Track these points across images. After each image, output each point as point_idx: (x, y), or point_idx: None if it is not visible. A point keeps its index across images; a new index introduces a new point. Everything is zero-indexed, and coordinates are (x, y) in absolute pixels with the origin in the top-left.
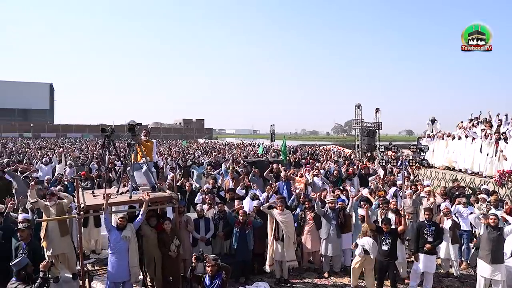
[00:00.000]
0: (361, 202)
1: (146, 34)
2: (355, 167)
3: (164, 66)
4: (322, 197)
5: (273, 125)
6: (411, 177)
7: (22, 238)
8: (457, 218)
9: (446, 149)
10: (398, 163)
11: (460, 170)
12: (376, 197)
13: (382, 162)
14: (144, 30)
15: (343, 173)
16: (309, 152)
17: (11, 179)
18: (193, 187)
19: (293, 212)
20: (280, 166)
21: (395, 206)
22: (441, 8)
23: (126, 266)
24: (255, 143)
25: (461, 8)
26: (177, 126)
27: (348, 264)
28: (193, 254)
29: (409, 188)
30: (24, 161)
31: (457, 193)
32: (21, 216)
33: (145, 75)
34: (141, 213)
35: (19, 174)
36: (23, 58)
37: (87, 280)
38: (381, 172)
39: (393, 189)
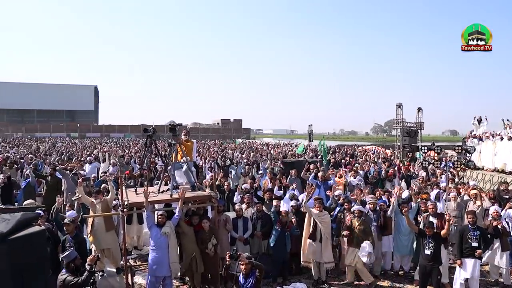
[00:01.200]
0: (400, 205)
1: (185, 36)
2: (396, 168)
3: (203, 67)
4: (361, 198)
5: (311, 125)
6: (456, 179)
7: (68, 232)
8: (507, 223)
9: (494, 150)
10: (441, 165)
11: (510, 173)
12: (418, 200)
13: (424, 163)
14: (183, 32)
15: (383, 174)
16: (348, 152)
17: (61, 177)
18: (231, 186)
19: (330, 214)
20: (318, 166)
21: (433, 209)
22: (484, 7)
23: (166, 261)
24: (293, 143)
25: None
26: (215, 126)
27: (387, 268)
28: (227, 252)
29: (453, 191)
30: (73, 159)
31: (506, 196)
32: (68, 213)
33: (184, 75)
34: (177, 210)
35: (68, 172)
36: (70, 63)
37: (129, 274)
38: (422, 173)
39: (435, 192)
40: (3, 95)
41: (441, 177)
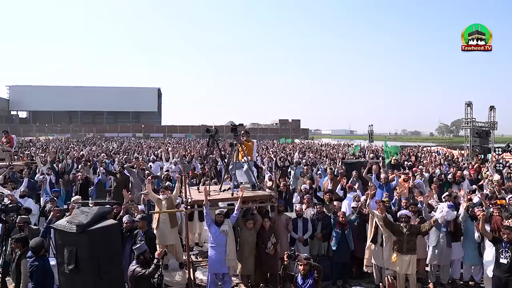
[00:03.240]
0: (470, 209)
1: (244, 37)
2: (464, 170)
3: (262, 68)
4: (428, 202)
5: (372, 125)
6: None
7: (139, 227)
8: None
9: None
10: None
11: None
12: (490, 205)
13: (499, 166)
14: (242, 34)
15: (450, 177)
16: (411, 154)
17: (128, 174)
18: (290, 187)
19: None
20: (380, 168)
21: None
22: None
23: (224, 259)
24: (352, 144)
25: None
26: (274, 126)
27: (456, 277)
28: (285, 253)
29: None
30: (141, 158)
31: None
32: (138, 208)
33: (243, 76)
34: (236, 209)
35: (134, 170)
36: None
37: (191, 270)
38: (496, 177)
39: (509, 196)
40: (77, 99)
41: None
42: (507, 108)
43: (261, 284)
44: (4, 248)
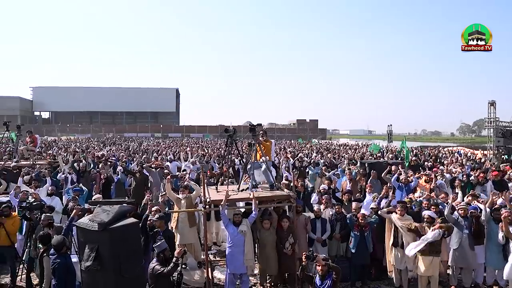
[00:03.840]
0: (493, 212)
1: (261, 36)
2: (487, 171)
3: (279, 67)
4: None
5: (391, 125)
6: None
7: (158, 227)
8: None
9: None
10: None
11: None
12: None
13: None
14: (260, 33)
15: (473, 178)
16: (431, 154)
17: (147, 174)
18: (308, 187)
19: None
20: (399, 168)
21: None
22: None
23: (242, 259)
24: (371, 144)
25: None
26: (291, 126)
27: (479, 281)
28: (303, 253)
29: None
30: (159, 158)
31: None
32: (154, 208)
33: (260, 76)
34: (254, 209)
35: (153, 169)
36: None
37: (209, 269)
38: None
39: None
40: (97, 99)
41: None
42: None
43: (279, 285)
44: (28, 245)
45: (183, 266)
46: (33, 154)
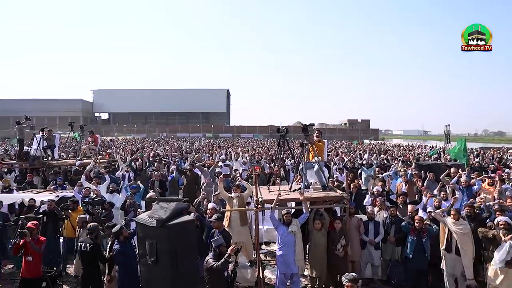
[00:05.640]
0: None
1: (311, 36)
2: None
3: (328, 66)
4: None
5: (448, 125)
6: None
7: (215, 227)
8: None
9: None
10: None
11: None
12: None
13: None
14: (309, 33)
15: None
16: (495, 156)
17: (199, 173)
18: (360, 189)
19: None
20: (459, 171)
21: None
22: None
23: (293, 259)
24: (426, 145)
25: None
26: (342, 127)
27: None
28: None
29: None
30: (211, 158)
31: None
32: (210, 205)
33: (310, 76)
34: (305, 209)
35: (206, 169)
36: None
37: (261, 268)
38: None
39: None
40: (152, 101)
41: None
42: None
43: (330, 287)
44: None
45: (236, 264)
46: (94, 153)
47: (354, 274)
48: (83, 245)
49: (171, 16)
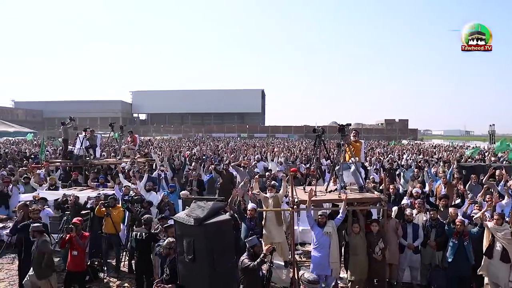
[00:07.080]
0: None
1: (347, 35)
2: None
3: (364, 65)
4: None
5: (493, 124)
6: None
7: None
8: None
9: None
10: None
11: None
12: None
13: None
14: (345, 32)
15: None
16: None
17: (234, 172)
18: (400, 190)
19: None
20: (504, 172)
21: None
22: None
23: (327, 261)
24: (469, 145)
25: None
26: (379, 126)
27: None
28: None
29: None
30: (246, 158)
31: None
32: (250, 205)
33: (346, 75)
34: (341, 211)
35: (241, 168)
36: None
37: (295, 269)
38: None
39: None
40: (188, 101)
41: None
42: None
43: None
44: (130, 234)
45: (271, 264)
46: (133, 152)
47: None
48: (138, 234)
49: (207, 18)
